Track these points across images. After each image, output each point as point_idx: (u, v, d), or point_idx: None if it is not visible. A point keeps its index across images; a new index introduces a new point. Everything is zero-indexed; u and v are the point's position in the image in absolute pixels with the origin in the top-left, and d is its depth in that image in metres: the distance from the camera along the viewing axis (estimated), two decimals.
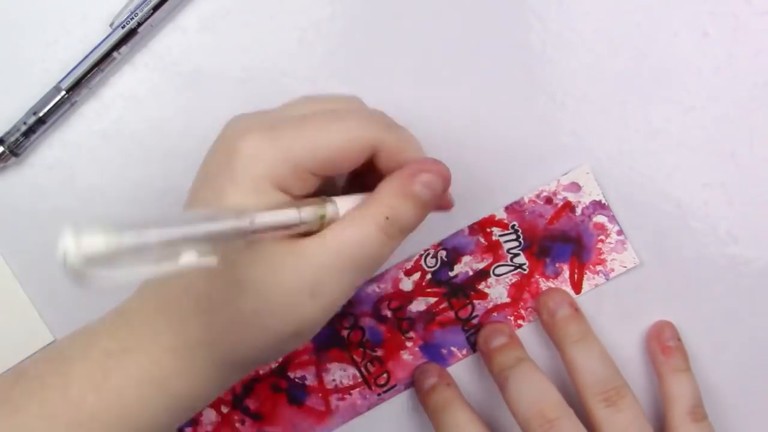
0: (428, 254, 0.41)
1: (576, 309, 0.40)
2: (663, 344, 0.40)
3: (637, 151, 0.41)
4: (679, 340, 0.40)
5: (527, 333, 0.41)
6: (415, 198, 0.32)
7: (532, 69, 0.41)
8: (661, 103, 0.41)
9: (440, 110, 0.41)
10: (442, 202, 0.35)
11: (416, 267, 0.41)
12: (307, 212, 0.30)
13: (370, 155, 0.32)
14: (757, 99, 0.41)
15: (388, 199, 0.32)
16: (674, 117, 0.41)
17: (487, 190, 0.41)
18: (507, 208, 0.41)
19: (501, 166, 0.41)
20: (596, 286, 0.41)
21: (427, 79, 0.41)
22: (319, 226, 0.31)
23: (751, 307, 0.41)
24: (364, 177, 0.34)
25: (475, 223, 0.41)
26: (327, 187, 0.34)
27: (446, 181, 0.33)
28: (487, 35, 0.41)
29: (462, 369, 0.41)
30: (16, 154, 0.39)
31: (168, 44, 0.40)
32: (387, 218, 0.31)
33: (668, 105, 0.41)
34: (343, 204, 0.32)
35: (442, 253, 0.41)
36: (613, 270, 0.41)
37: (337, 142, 0.31)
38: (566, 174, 0.41)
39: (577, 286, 0.41)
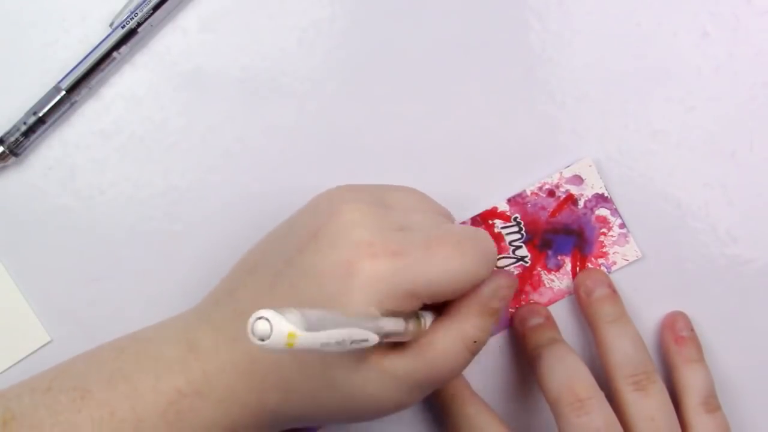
0: None
1: (613, 290, 0.40)
2: (676, 334, 0.40)
3: (637, 151, 0.41)
4: (692, 330, 0.40)
5: None
6: (495, 313, 0.35)
7: (532, 69, 0.41)
8: (661, 103, 0.41)
9: (440, 109, 0.41)
10: None
11: None
12: (412, 326, 0.32)
13: None
14: (757, 99, 0.41)
15: (473, 318, 0.34)
16: (674, 117, 0.41)
17: (489, 182, 0.41)
18: (509, 201, 0.41)
19: (502, 163, 0.41)
20: None
21: (427, 79, 0.41)
22: (412, 336, 0.33)
23: (751, 307, 0.41)
24: None
25: (477, 215, 0.41)
26: None
27: (516, 288, 0.37)
28: (487, 35, 0.41)
29: None
30: (16, 154, 0.39)
31: (168, 44, 0.40)
32: (475, 342, 0.34)
33: (668, 105, 0.41)
34: (428, 317, 0.34)
35: None
36: (615, 263, 0.41)
37: (458, 283, 0.33)
38: (569, 166, 0.41)
39: None
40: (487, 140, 0.41)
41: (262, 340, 0.24)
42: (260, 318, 0.24)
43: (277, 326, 0.24)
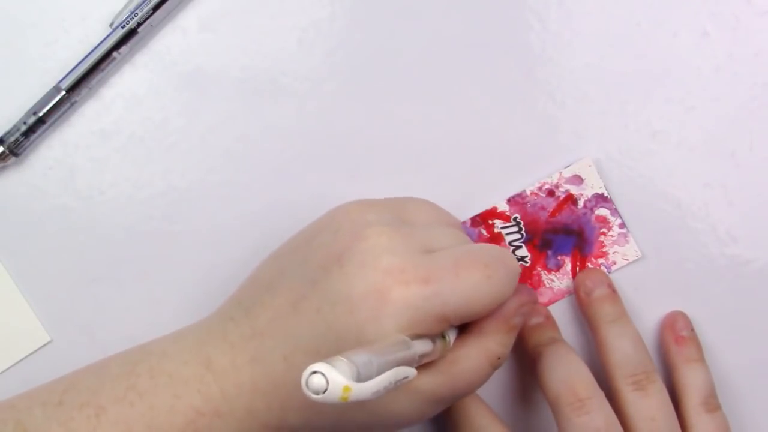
0: None
1: (613, 290, 0.40)
2: (677, 334, 0.40)
3: (637, 151, 0.41)
4: (692, 330, 0.40)
5: None
6: (516, 328, 0.35)
7: (532, 69, 0.41)
8: (661, 103, 0.41)
9: (440, 109, 0.41)
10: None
11: None
12: (439, 345, 0.32)
13: None
14: (757, 99, 0.41)
15: (497, 335, 0.34)
16: (674, 117, 0.41)
17: (489, 182, 0.41)
18: (509, 201, 0.41)
19: (502, 163, 0.41)
20: None
21: (427, 79, 0.41)
22: (438, 355, 0.33)
23: (751, 307, 0.41)
24: None
25: (477, 215, 0.41)
26: None
27: (536, 302, 0.37)
28: (487, 35, 0.41)
29: None
30: (16, 154, 0.39)
31: (168, 44, 0.40)
32: (499, 358, 0.34)
33: (668, 105, 0.41)
34: (451, 334, 0.34)
35: None
36: (615, 263, 0.41)
37: (486, 306, 0.33)
38: (569, 166, 0.41)
39: None
40: (487, 140, 0.41)
41: (317, 393, 0.24)
42: (315, 372, 0.24)
43: (333, 381, 0.24)
